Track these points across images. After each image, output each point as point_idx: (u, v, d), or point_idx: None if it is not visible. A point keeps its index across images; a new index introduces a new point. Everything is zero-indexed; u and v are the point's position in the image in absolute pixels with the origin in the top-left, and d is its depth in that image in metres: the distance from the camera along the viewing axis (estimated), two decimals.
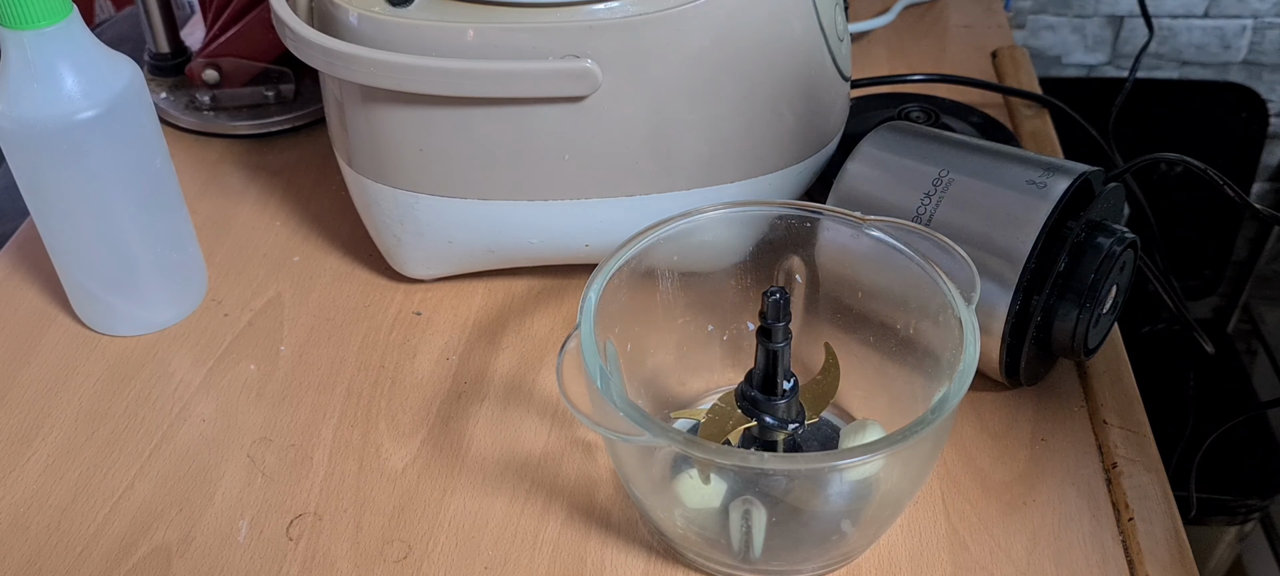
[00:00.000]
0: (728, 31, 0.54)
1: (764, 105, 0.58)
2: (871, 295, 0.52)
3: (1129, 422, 0.55)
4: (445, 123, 0.56)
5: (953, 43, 0.92)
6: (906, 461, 0.44)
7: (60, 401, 0.58)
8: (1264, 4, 1.38)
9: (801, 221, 0.52)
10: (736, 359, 0.55)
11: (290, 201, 0.73)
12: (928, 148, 0.57)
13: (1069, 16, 1.41)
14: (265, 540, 0.51)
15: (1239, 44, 1.41)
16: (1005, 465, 0.53)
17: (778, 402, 0.47)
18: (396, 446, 0.55)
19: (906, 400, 0.51)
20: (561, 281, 0.65)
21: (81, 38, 0.54)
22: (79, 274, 0.60)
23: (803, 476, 0.44)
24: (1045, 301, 0.52)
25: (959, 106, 0.77)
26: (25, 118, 0.53)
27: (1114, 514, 0.51)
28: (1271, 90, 1.45)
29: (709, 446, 0.42)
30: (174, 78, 0.83)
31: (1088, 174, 0.53)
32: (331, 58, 0.54)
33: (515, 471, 0.54)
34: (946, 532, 0.50)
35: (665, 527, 0.48)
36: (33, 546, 0.51)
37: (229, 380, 0.59)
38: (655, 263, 0.51)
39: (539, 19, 0.52)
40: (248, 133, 0.80)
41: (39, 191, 0.57)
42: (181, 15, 0.90)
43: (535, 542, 0.50)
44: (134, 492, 0.53)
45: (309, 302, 0.65)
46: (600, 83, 0.53)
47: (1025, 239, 0.51)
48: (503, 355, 0.61)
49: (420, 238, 0.61)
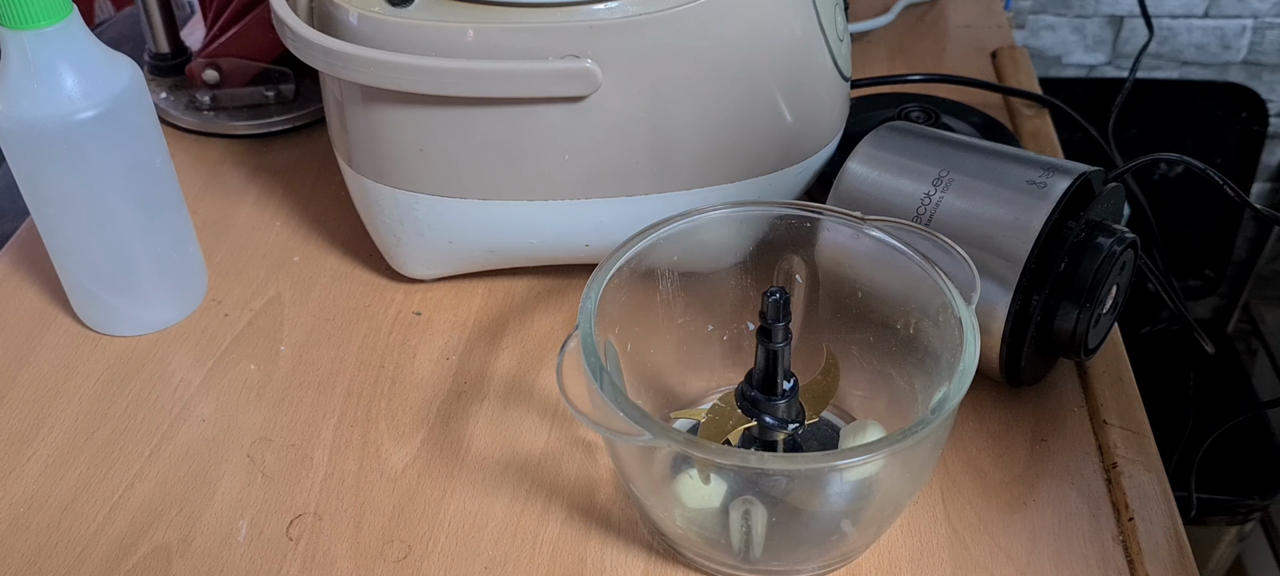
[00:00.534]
0: (728, 31, 0.54)
1: (764, 105, 0.58)
2: (871, 295, 0.52)
3: (1129, 422, 0.55)
4: (445, 123, 0.56)
5: (953, 43, 0.92)
6: (906, 461, 0.44)
7: (60, 401, 0.58)
8: (1264, 4, 1.38)
9: (801, 221, 0.52)
10: (736, 359, 0.55)
11: (290, 201, 0.73)
12: (928, 148, 0.57)
13: (1069, 16, 1.41)
14: (265, 540, 0.51)
15: (1239, 44, 1.42)
16: (1005, 465, 0.53)
17: (778, 402, 0.47)
18: (396, 446, 0.55)
19: (906, 400, 0.51)
20: (561, 281, 0.65)
21: (81, 38, 0.54)
22: (79, 274, 0.60)
23: (803, 476, 0.44)
24: (1045, 301, 0.52)
25: (959, 106, 0.77)
26: (25, 118, 0.53)
27: (1114, 514, 0.51)
28: (1271, 90, 1.45)
29: (709, 446, 0.42)
30: (174, 78, 0.83)
31: (1088, 174, 0.53)
32: (331, 58, 0.54)
33: (515, 471, 0.54)
34: (946, 532, 0.50)
35: (665, 527, 0.48)
36: (33, 546, 0.51)
37: (229, 380, 0.59)
38: (655, 262, 0.51)
39: (539, 19, 0.52)
40: (248, 133, 0.80)
41: (39, 191, 0.57)
42: (181, 15, 0.90)
43: (535, 542, 0.50)
44: (134, 492, 0.53)
45: (309, 302, 0.65)
46: (600, 83, 0.53)
47: (1025, 239, 0.51)
48: (503, 355, 0.61)
49: (420, 238, 0.61)
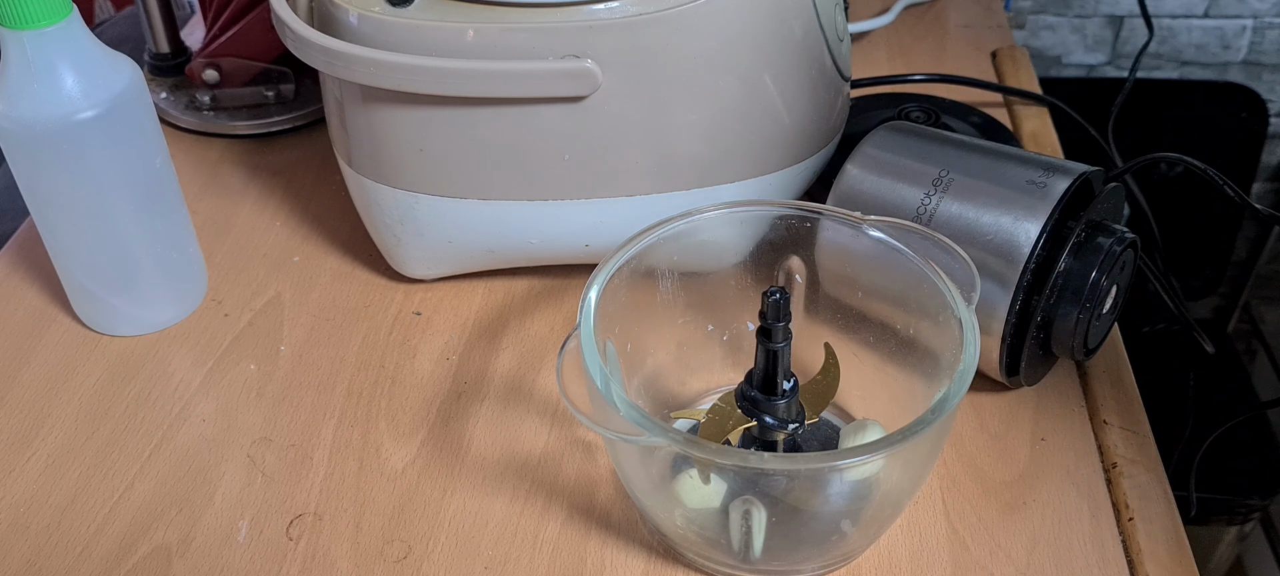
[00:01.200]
0: (727, 31, 0.54)
1: (764, 105, 0.58)
2: (871, 295, 0.52)
3: (1129, 422, 0.55)
4: (445, 123, 0.56)
5: (953, 43, 0.92)
6: (906, 461, 0.44)
7: (60, 401, 0.58)
8: (1264, 4, 1.38)
9: (801, 221, 0.52)
10: (736, 359, 0.55)
11: (290, 201, 0.73)
12: (928, 148, 0.57)
13: (1069, 16, 1.41)
14: (265, 540, 0.51)
15: (1239, 44, 1.41)
16: (1005, 465, 0.53)
17: (778, 402, 0.47)
18: (396, 446, 0.55)
19: (906, 400, 0.51)
20: (561, 281, 0.65)
21: (81, 38, 0.54)
22: (79, 274, 0.60)
23: (803, 476, 0.44)
24: (1045, 301, 0.52)
25: (959, 106, 0.77)
26: (25, 118, 0.53)
27: (1114, 514, 0.51)
28: (1271, 90, 1.45)
29: (709, 446, 0.42)
30: (174, 78, 0.83)
31: (1088, 174, 0.53)
32: (331, 58, 0.54)
33: (515, 471, 0.54)
34: (946, 532, 0.50)
35: (665, 527, 0.48)
36: (33, 546, 0.51)
37: (229, 380, 0.59)
38: (655, 262, 0.51)
39: (539, 19, 0.52)
40: (248, 133, 0.80)
41: (39, 191, 0.57)
42: (181, 15, 0.90)
43: (535, 542, 0.50)
44: (134, 492, 0.53)
45: (309, 303, 0.65)
46: (600, 83, 0.53)
47: (1025, 239, 0.51)
48: (503, 355, 0.61)
49: (420, 238, 0.61)
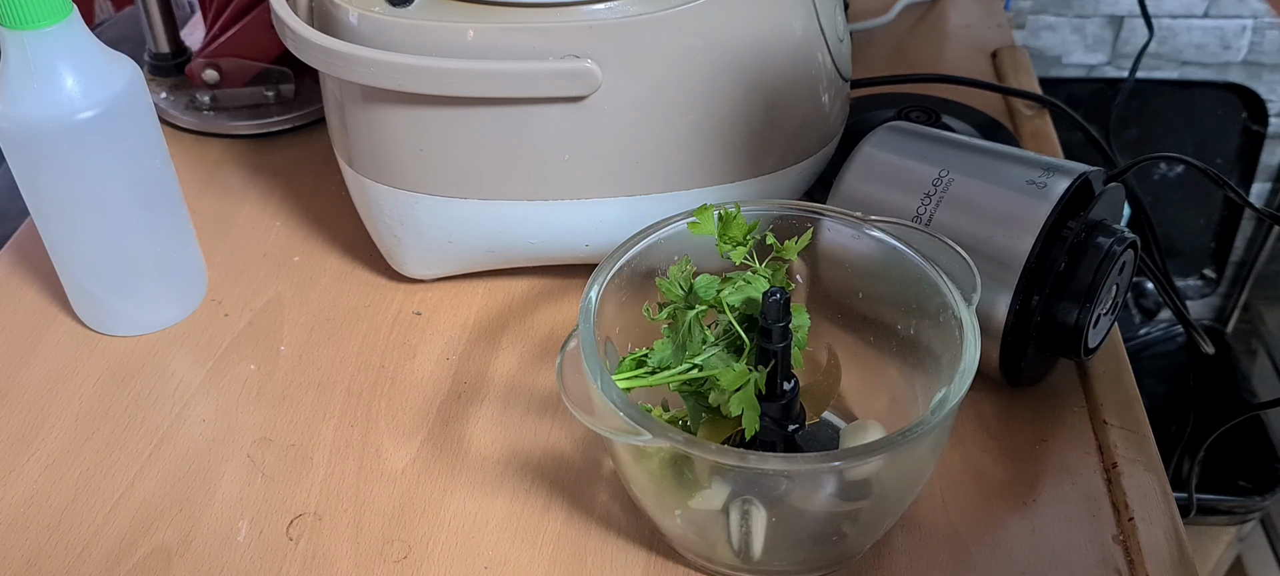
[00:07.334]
0: (728, 31, 0.54)
1: (764, 105, 0.58)
2: (871, 295, 0.52)
3: (1129, 422, 0.55)
4: (445, 123, 0.56)
5: (953, 43, 0.92)
6: (906, 461, 0.44)
7: (60, 401, 0.58)
8: (1264, 4, 1.38)
9: (801, 221, 0.52)
10: None
11: (290, 201, 0.73)
12: (928, 148, 0.57)
13: (1069, 16, 1.41)
14: (265, 540, 0.51)
15: (1239, 44, 1.41)
16: (1005, 465, 0.53)
17: (778, 403, 0.47)
18: (396, 446, 0.55)
19: (906, 400, 0.51)
20: (561, 281, 0.65)
21: (81, 38, 0.54)
22: (79, 274, 0.60)
23: (803, 476, 0.44)
24: (1045, 301, 0.52)
25: (959, 107, 0.77)
26: (25, 118, 0.53)
27: (1114, 514, 0.51)
28: (1271, 90, 1.44)
29: (709, 446, 0.42)
30: (174, 78, 0.83)
31: (1088, 174, 0.53)
32: (331, 58, 0.54)
33: (515, 471, 0.54)
34: (946, 532, 0.50)
35: (665, 527, 0.48)
36: (33, 546, 0.51)
37: (229, 380, 0.59)
38: (655, 262, 0.51)
39: (539, 19, 0.52)
40: (248, 133, 0.80)
41: (39, 191, 0.57)
42: (181, 15, 0.90)
43: (535, 542, 0.50)
44: (134, 492, 0.53)
45: (309, 302, 0.65)
46: (600, 83, 0.53)
47: (1025, 239, 0.51)
48: (503, 355, 0.61)
49: (420, 238, 0.61)
